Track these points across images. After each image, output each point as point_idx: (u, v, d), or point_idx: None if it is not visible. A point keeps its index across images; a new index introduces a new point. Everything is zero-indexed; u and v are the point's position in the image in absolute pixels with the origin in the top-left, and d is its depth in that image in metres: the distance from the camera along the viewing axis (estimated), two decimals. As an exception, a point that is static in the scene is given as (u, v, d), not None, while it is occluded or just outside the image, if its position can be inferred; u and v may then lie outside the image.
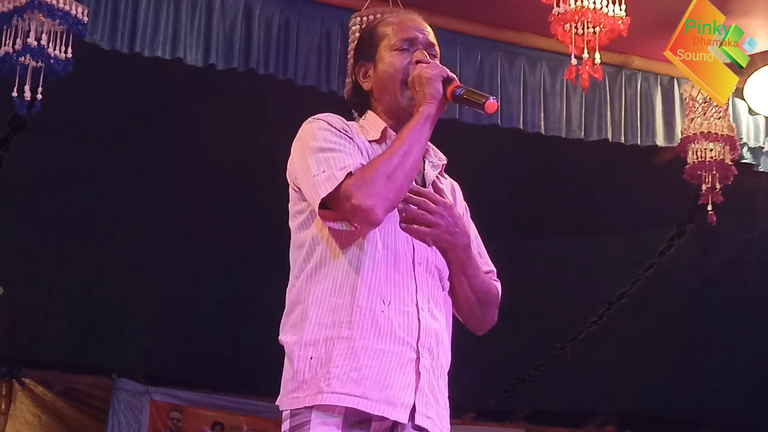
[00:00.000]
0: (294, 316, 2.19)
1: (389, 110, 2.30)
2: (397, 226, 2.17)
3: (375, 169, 2.09)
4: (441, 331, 2.21)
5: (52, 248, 6.43)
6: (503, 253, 7.10)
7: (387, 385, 2.07)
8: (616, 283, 7.12)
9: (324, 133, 2.19)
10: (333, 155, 2.14)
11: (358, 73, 2.36)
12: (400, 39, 2.30)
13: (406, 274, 2.16)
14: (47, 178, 5.99)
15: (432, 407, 2.12)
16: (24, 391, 7.65)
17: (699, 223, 5.91)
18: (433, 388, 2.14)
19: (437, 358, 2.17)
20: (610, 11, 4.35)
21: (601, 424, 8.80)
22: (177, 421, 7.88)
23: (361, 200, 2.05)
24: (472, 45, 5.09)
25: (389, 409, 2.05)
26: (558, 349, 7.67)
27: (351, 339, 2.09)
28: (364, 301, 2.11)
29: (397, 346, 2.10)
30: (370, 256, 2.13)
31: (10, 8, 4.07)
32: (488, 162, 5.86)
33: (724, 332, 7.37)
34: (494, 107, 2.15)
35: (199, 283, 6.72)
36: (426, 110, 2.17)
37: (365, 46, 2.36)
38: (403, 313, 2.13)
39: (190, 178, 6.07)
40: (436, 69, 2.21)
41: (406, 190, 2.14)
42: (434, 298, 2.21)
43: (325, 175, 2.10)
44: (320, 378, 2.06)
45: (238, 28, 4.65)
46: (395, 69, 2.27)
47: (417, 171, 2.17)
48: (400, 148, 2.12)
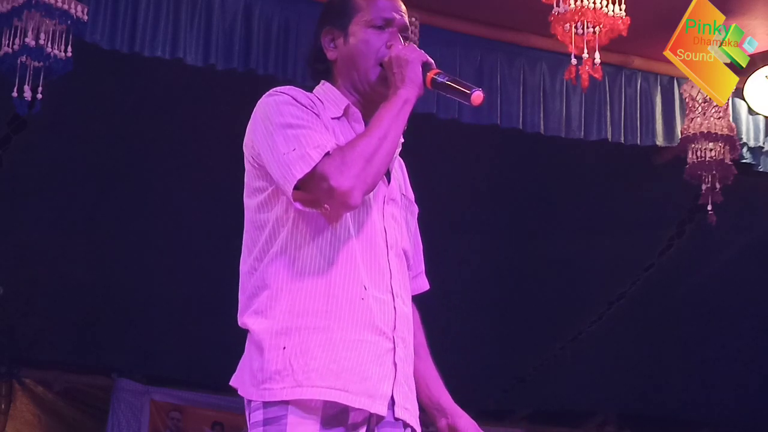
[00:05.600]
0: (260, 301, 2.08)
1: (355, 87, 2.19)
2: (371, 209, 2.10)
3: (354, 151, 1.99)
4: (410, 317, 2.15)
5: (52, 248, 6.43)
6: (503, 253, 7.12)
7: (366, 376, 2.00)
8: (616, 283, 7.11)
9: (289, 107, 2.08)
10: (303, 132, 2.03)
11: (323, 38, 2.22)
12: (377, 16, 2.18)
13: (381, 258, 2.09)
14: (47, 178, 5.99)
15: (408, 398, 2.08)
16: (24, 391, 7.64)
17: (699, 223, 5.91)
18: (408, 378, 2.10)
19: (409, 346, 2.11)
20: (610, 11, 4.35)
21: (601, 424, 8.80)
22: (177, 421, 7.89)
23: (340, 182, 1.96)
24: (472, 45, 5.09)
25: (369, 402, 2.00)
26: (558, 349, 7.67)
27: (328, 330, 2.01)
28: (340, 289, 2.03)
29: (375, 336, 2.03)
30: (343, 240, 2.05)
31: (8, 8, 4.07)
32: (488, 162, 5.86)
33: (724, 332, 7.37)
34: (480, 99, 2.07)
35: (200, 283, 6.72)
36: (405, 93, 2.07)
37: (337, 13, 2.22)
38: (380, 301, 2.06)
39: (190, 178, 6.07)
40: (416, 52, 2.12)
41: (383, 173, 2.06)
42: (404, 282, 2.14)
43: (297, 153, 1.99)
44: (297, 370, 1.98)
45: (238, 28, 4.65)
46: (369, 47, 2.16)
47: (393, 154, 2.09)
48: (378, 130, 2.03)
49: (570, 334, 7.52)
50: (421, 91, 2.10)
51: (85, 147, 5.80)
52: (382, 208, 2.13)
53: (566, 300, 7.02)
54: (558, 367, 7.70)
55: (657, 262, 6.85)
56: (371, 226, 2.09)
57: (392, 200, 2.17)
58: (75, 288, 6.73)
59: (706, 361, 7.73)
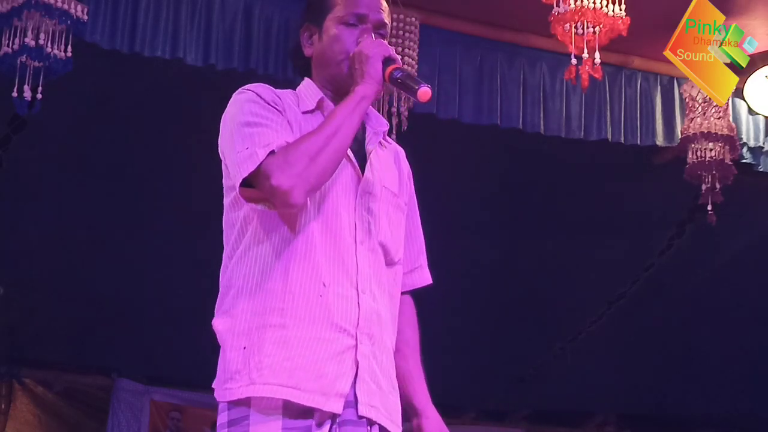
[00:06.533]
0: (227, 300, 2.10)
1: (329, 82, 2.20)
2: (338, 203, 2.09)
3: (297, 149, 2.00)
4: (384, 312, 2.11)
5: (52, 248, 6.43)
6: (503, 253, 7.11)
7: (321, 374, 1.98)
8: (616, 283, 7.11)
9: (251, 105, 2.11)
10: (258, 131, 2.05)
11: (302, 35, 2.25)
12: (349, 13, 2.18)
13: (346, 253, 2.07)
14: (47, 178, 5.99)
15: (375, 395, 2.04)
16: (24, 391, 7.64)
17: (699, 223, 5.91)
18: (375, 375, 2.05)
19: (379, 342, 2.08)
20: (610, 11, 4.35)
21: (601, 424, 8.80)
22: (177, 421, 7.88)
23: (280, 181, 1.97)
24: (472, 45, 5.09)
25: (322, 400, 1.97)
26: (558, 349, 7.67)
27: (283, 327, 2.00)
28: (297, 286, 2.02)
29: (333, 333, 2.01)
30: (305, 236, 2.04)
31: (8, 8, 4.07)
32: (487, 162, 5.86)
33: (724, 332, 7.36)
34: (427, 95, 2.07)
35: (200, 283, 6.71)
36: (361, 90, 2.08)
37: (315, 9, 2.24)
38: (341, 297, 2.04)
39: (190, 178, 6.06)
40: (377, 48, 2.11)
41: (332, 172, 2.04)
42: (377, 277, 2.11)
43: (248, 152, 2.01)
44: (253, 368, 1.98)
45: (238, 28, 4.65)
46: (340, 44, 2.17)
47: (345, 152, 2.07)
48: (327, 127, 2.03)
49: (570, 334, 7.52)
50: (379, 86, 2.10)
51: (85, 147, 5.80)
52: (353, 201, 2.12)
53: (566, 300, 7.02)
54: (558, 367, 7.70)
55: (657, 262, 6.85)
56: (337, 220, 2.08)
57: (368, 193, 2.15)
58: (75, 288, 6.72)
59: (706, 362, 7.73)
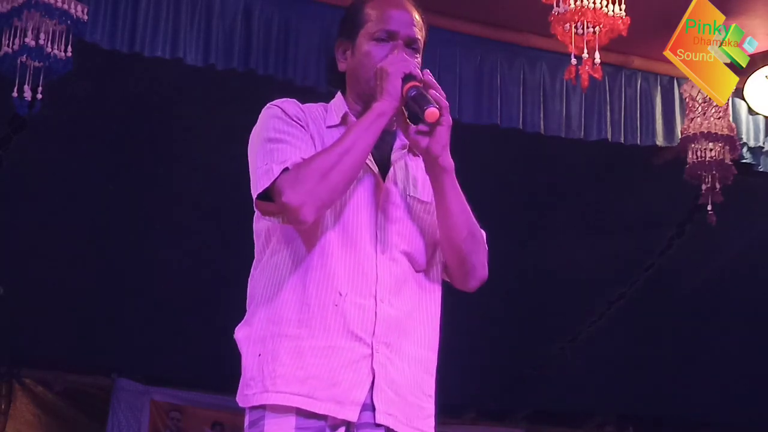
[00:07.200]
0: (249, 309, 2.16)
1: (360, 97, 2.21)
2: (360, 214, 2.11)
3: (309, 166, 2.02)
4: (407, 320, 2.12)
5: (52, 248, 6.43)
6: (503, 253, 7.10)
7: (335, 383, 2.01)
8: (616, 283, 7.11)
9: (275, 121, 2.14)
10: (278, 147, 2.09)
11: (336, 50, 2.27)
12: (381, 29, 2.19)
13: (366, 263, 2.09)
14: (47, 177, 5.99)
15: (394, 404, 2.05)
16: (24, 391, 7.64)
17: (699, 223, 5.90)
18: (394, 383, 2.07)
19: (398, 350, 2.09)
20: (610, 11, 4.35)
21: (601, 424, 8.79)
22: (177, 421, 7.88)
23: (290, 198, 2.00)
24: (472, 45, 5.09)
25: (336, 408, 2.00)
26: (558, 349, 7.67)
27: (298, 338, 2.04)
28: (313, 296, 2.05)
29: (348, 342, 2.04)
30: (322, 246, 2.07)
31: (8, 8, 4.07)
32: (488, 162, 5.85)
33: (725, 332, 7.36)
34: (434, 116, 2.07)
35: (200, 283, 6.72)
36: (378, 107, 2.08)
37: (349, 24, 2.24)
38: (357, 306, 2.06)
39: (190, 178, 6.07)
40: (398, 64, 2.11)
41: (344, 190, 2.06)
42: (398, 286, 2.12)
43: (266, 168, 2.06)
44: (266, 376, 2.03)
45: (238, 28, 4.65)
46: (370, 60, 2.17)
47: (358, 169, 2.08)
48: (341, 145, 2.05)
49: (570, 334, 7.52)
50: (397, 103, 2.10)
51: (85, 147, 5.80)
52: (374, 212, 2.13)
53: (566, 300, 7.02)
54: (558, 367, 7.70)
55: (657, 262, 6.85)
56: (357, 231, 2.10)
57: (390, 203, 2.16)
58: (75, 288, 6.72)
59: (706, 361, 7.72)
